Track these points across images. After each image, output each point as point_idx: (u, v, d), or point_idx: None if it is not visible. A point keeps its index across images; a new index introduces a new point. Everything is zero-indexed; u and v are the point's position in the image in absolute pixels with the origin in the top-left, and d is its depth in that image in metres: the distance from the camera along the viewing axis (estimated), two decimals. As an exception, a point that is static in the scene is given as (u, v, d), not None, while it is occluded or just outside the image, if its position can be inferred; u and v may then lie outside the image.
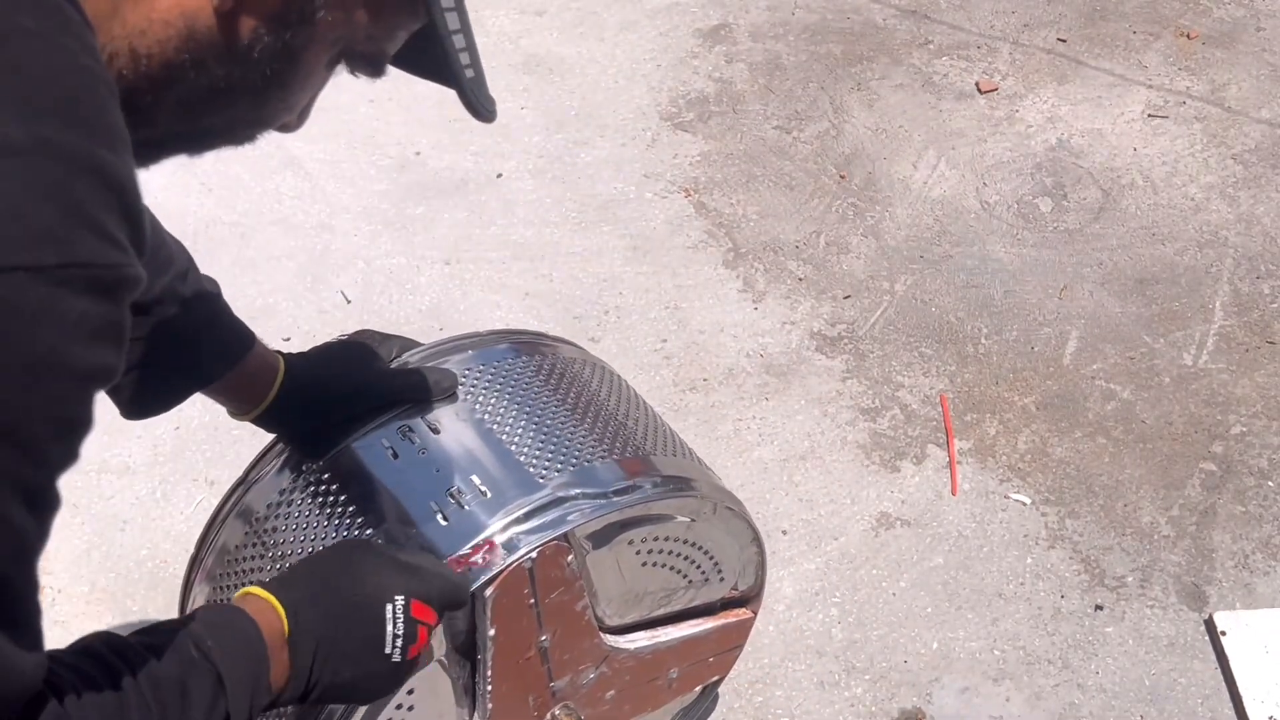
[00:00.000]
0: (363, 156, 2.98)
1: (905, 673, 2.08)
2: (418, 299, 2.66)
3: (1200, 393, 2.49)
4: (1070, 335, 2.60)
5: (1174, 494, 2.32)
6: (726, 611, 1.63)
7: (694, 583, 1.53)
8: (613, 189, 2.93)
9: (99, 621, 2.10)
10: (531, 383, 1.43)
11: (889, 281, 2.72)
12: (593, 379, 1.51)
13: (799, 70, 3.24)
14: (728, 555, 1.54)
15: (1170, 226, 2.83)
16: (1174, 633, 2.12)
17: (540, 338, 1.54)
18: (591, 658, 1.42)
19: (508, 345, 1.49)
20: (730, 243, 2.81)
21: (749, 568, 1.60)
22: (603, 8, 3.43)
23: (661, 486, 1.39)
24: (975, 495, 2.32)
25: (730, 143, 3.05)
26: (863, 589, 2.19)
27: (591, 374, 1.52)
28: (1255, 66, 3.22)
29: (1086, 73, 3.22)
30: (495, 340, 1.50)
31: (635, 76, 3.23)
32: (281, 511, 1.32)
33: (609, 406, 1.48)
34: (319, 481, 1.32)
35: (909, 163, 2.99)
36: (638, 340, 2.59)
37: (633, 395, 1.57)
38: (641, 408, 1.55)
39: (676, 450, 1.51)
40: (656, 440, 1.48)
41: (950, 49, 3.30)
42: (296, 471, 1.34)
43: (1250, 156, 2.99)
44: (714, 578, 1.56)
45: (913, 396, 2.49)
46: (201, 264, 1.34)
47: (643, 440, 1.45)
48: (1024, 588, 2.19)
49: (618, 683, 1.49)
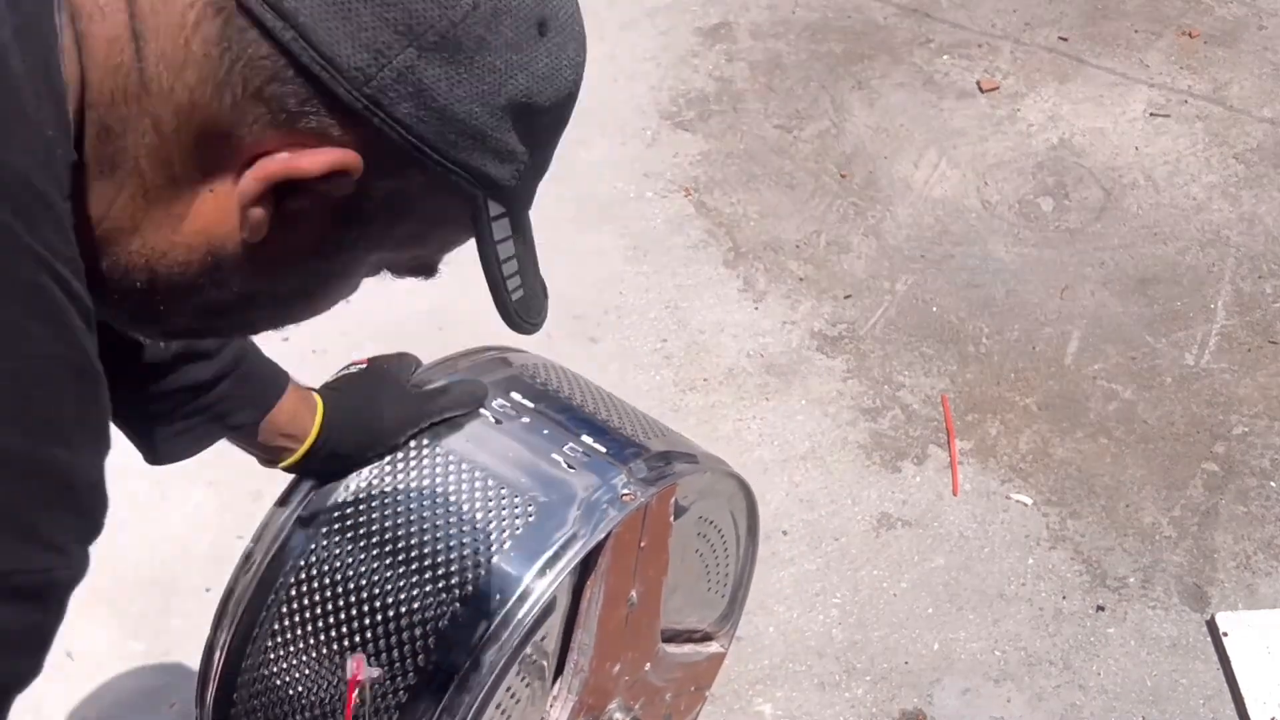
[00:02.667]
0: (362, 155, 2.97)
1: (906, 674, 2.08)
2: (418, 299, 2.65)
3: (1202, 393, 2.48)
4: (1072, 335, 2.60)
5: (1176, 494, 2.32)
6: (706, 642, 1.68)
7: (710, 578, 1.57)
8: (612, 188, 2.92)
9: (97, 623, 2.10)
10: (547, 380, 1.44)
11: (890, 281, 2.71)
12: (570, 379, 1.52)
13: (799, 69, 3.24)
14: (729, 533, 1.59)
15: (1172, 226, 2.82)
16: (1176, 633, 2.12)
17: (504, 350, 1.54)
18: (649, 648, 1.46)
19: (490, 357, 1.49)
20: (730, 242, 2.80)
21: (741, 527, 1.64)
22: (603, 7, 3.42)
23: (714, 463, 1.47)
24: (976, 496, 2.32)
25: (730, 142, 3.05)
26: (863, 589, 2.19)
27: (563, 375, 1.53)
28: (1257, 65, 3.21)
29: (1088, 71, 3.21)
30: (480, 353, 1.50)
31: (635, 75, 3.22)
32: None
33: (610, 398, 1.49)
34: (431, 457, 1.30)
35: (910, 162, 2.99)
36: (638, 340, 2.59)
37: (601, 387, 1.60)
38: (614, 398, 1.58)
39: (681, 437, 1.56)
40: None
41: (951, 48, 3.29)
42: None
43: (1252, 156, 2.98)
44: (722, 570, 1.60)
45: (914, 396, 2.48)
46: (200, 264, 1.33)
47: (668, 429, 1.50)
48: (1025, 588, 2.18)
49: (646, 691, 1.51)
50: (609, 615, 1.32)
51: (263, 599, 1.25)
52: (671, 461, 1.36)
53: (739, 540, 1.63)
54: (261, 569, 1.26)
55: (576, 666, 1.32)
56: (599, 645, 1.33)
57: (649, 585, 1.38)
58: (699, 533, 1.52)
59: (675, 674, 1.59)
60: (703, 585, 1.61)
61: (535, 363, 1.48)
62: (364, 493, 1.26)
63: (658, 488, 1.29)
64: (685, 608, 1.57)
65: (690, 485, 1.41)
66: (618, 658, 1.39)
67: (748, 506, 1.58)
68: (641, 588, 1.36)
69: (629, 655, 1.42)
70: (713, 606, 1.67)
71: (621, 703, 1.45)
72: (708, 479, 1.46)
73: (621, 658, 1.40)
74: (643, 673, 1.47)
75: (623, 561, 1.30)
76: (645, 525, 1.30)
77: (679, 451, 1.41)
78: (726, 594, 1.68)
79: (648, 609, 1.40)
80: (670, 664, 1.55)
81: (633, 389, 2.50)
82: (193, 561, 2.17)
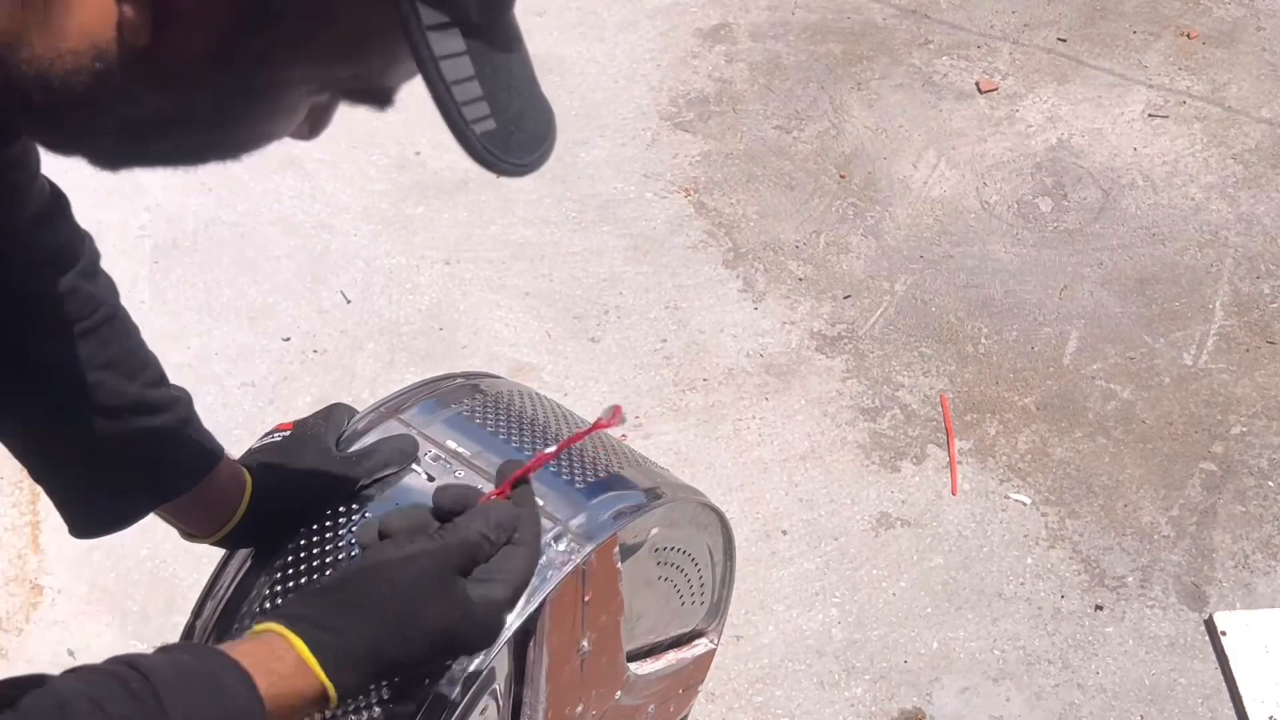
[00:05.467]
0: (362, 156, 2.98)
1: (905, 673, 2.08)
2: (418, 299, 2.66)
3: (1200, 393, 2.49)
4: (1070, 335, 2.60)
5: (1174, 494, 2.32)
6: (693, 642, 1.64)
7: (682, 596, 1.53)
8: (613, 189, 2.93)
9: (98, 621, 2.10)
10: (491, 418, 1.39)
11: (889, 281, 2.72)
12: (523, 409, 1.47)
13: (799, 70, 3.24)
14: (701, 551, 1.55)
15: (1170, 226, 2.83)
16: (1174, 633, 2.12)
17: (469, 376, 1.48)
18: (614, 680, 1.41)
19: (441, 395, 1.43)
20: (730, 243, 2.81)
21: (718, 561, 1.60)
22: (603, 8, 3.43)
23: (673, 490, 1.38)
24: (975, 495, 2.32)
25: (730, 142, 3.05)
26: (863, 589, 2.19)
27: (515, 406, 1.48)
28: (1255, 66, 3.22)
29: (1087, 72, 3.22)
30: (428, 392, 1.44)
31: (635, 76, 3.23)
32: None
33: (566, 424, 1.44)
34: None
35: (909, 162, 2.99)
36: (638, 340, 2.59)
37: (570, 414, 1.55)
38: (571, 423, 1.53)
39: (639, 459, 1.50)
40: (632, 452, 1.47)
41: (950, 48, 3.30)
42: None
43: (1250, 156, 2.99)
44: (696, 585, 1.56)
45: (913, 396, 2.49)
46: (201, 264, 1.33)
47: (627, 452, 1.44)
48: (1024, 588, 2.19)
49: (622, 715, 1.47)
50: (558, 670, 1.26)
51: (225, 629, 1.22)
52: (617, 508, 1.26)
53: (713, 557, 1.57)
54: (223, 602, 1.21)
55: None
56: (552, 698, 1.27)
57: (602, 629, 1.31)
58: (660, 562, 1.44)
59: (655, 688, 1.54)
60: (675, 604, 1.53)
61: (489, 397, 1.38)
62: (289, 566, 1.19)
63: (596, 543, 1.19)
64: (659, 626, 1.50)
65: (641, 524, 1.32)
66: (577, 701, 1.34)
67: (719, 525, 1.52)
68: (593, 634, 1.29)
69: (592, 693, 1.36)
70: (693, 614, 1.62)
71: None
72: (661, 514, 1.35)
73: (583, 698, 1.34)
74: (613, 702, 1.41)
75: (565, 620, 1.23)
76: (587, 582, 1.22)
77: (631, 489, 1.32)
78: (707, 600, 1.63)
79: (605, 648, 1.34)
80: (646, 682, 1.50)
81: (633, 389, 2.50)
82: (194, 561, 2.17)
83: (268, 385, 2.47)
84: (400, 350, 2.56)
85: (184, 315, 2.56)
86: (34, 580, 2.16)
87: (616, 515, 1.26)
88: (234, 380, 2.48)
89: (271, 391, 2.46)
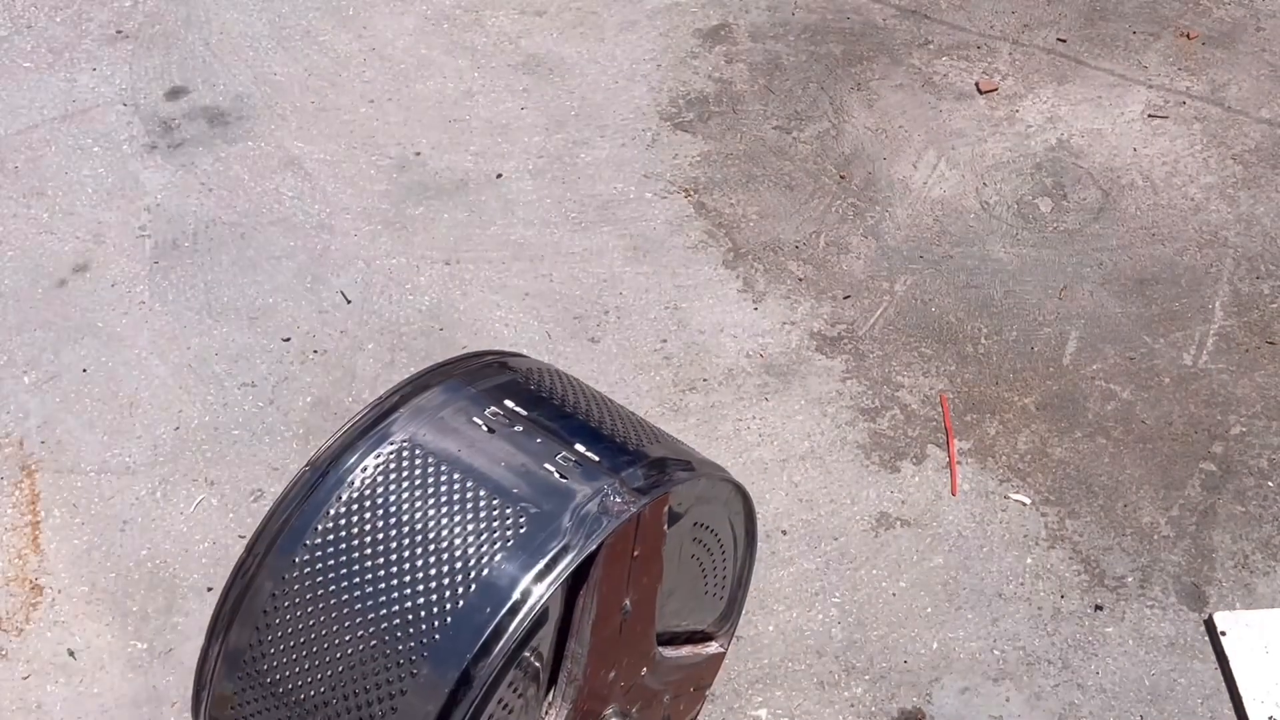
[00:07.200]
0: (363, 156, 2.98)
1: (905, 673, 2.08)
2: (418, 299, 2.66)
3: (1200, 393, 2.49)
4: (1070, 335, 2.60)
5: (1174, 494, 2.32)
6: (706, 642, 1.68)
7: (707, 581, 1.57)
8: (613, 189, 2.93)
9: (98, 621, 2.11)
10: (541, 385, 1.44)
11: (889, 282, 2.72)
12: (567, 383, 1.52)
13: (799, 70, 3.25)
14: (726, 537, 1.59)
15: (1170, 227, 2.83)
16: (1174, 633, 2.12)
17: (503, 355, 1.53)
18: (645, 653, 1.45)
19: (488, 362, 1.48)
20: (730, 243, 2.81)
21: (740, 554, 1.64)
22: (603, 8, 3.43)
23: (711, 468, 1.48)
24: (975, 495, 2.32)
25: (730, 143, 3.05)
26: (863, 589, 2.19)
27: (560, 379, 1.53)
28: (1255, 66, 3.22)
29: (1086, 73, 3.22)
30: (478, 357, 1.49)
31: (635, 76, 3.23)
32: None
33: (607, 402, 1.49)
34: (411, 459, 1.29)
35: (909, 163, 2.99)
36: (638, 340, 2.59)
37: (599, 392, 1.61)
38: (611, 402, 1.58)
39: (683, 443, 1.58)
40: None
41: (950, 49, 3.30)
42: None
43: (1250, 156, 2.99)
44: (720, 573, 1.60)
45: (912, 396, 2.49)
46: (201, 264, 1.34)
47: (672, 436, 1.51)
48: (1024, 588, 2.19)
49: (643, 695, 1.50)
50: (603, 624, 1.32)
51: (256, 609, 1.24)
52: (666, 469, 1.36)
53: (736, 544, 1.63)
54: (254, 578, 1.26)
55: (570, 675, 1.31)
56: (593, 653, 1.33)
57: (643, 593, 1.38)
58: (695, 538, 1.52)
59: (673, 676, 1.59)
60: (700, 588, 1.61)
61: (533, 368, 1.48)
62: (355, 502, 1.25)
63: (651, 497, 1.29)
64: (683, 610, 1.57)
65: (685, 492, 1.41)
66: (613, 664, 1.39)
67: (745, 511, 1.58)
68: (636, 595, 1.37)
69: (625, 661, 1.42)
70: (711, 608, 1.67)
71: (618, 708, 1.45)
72: (703, 485, 1.47)
73: (617, 664, 1.40)
74: (639, 677, 1.47)
75: (616, 571, 1.30)
76: (639, 535, 1.30)
77: (674, 458, 1.41)
78: (725, 596, 1.68)
79: (642, 616, 1.41)
80: (668, 667, 1.55)
81: (633, 389, 2.51)
82: (194, 561, 2.17)
83: (268, 385, 2.47)
84: (400, 350, 2.56)
85: (184, 315, 2.56)
86: (34, 580, 2.17)
87: (670, 472, 1.35)
88: (234, 380, 2.48)
89: (271, 392, 2.46)
